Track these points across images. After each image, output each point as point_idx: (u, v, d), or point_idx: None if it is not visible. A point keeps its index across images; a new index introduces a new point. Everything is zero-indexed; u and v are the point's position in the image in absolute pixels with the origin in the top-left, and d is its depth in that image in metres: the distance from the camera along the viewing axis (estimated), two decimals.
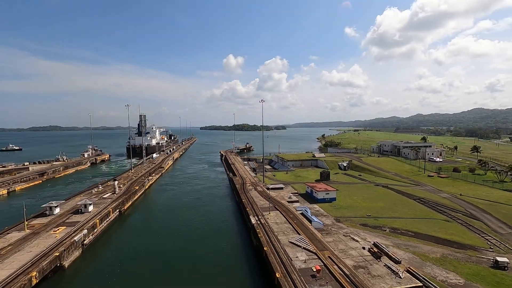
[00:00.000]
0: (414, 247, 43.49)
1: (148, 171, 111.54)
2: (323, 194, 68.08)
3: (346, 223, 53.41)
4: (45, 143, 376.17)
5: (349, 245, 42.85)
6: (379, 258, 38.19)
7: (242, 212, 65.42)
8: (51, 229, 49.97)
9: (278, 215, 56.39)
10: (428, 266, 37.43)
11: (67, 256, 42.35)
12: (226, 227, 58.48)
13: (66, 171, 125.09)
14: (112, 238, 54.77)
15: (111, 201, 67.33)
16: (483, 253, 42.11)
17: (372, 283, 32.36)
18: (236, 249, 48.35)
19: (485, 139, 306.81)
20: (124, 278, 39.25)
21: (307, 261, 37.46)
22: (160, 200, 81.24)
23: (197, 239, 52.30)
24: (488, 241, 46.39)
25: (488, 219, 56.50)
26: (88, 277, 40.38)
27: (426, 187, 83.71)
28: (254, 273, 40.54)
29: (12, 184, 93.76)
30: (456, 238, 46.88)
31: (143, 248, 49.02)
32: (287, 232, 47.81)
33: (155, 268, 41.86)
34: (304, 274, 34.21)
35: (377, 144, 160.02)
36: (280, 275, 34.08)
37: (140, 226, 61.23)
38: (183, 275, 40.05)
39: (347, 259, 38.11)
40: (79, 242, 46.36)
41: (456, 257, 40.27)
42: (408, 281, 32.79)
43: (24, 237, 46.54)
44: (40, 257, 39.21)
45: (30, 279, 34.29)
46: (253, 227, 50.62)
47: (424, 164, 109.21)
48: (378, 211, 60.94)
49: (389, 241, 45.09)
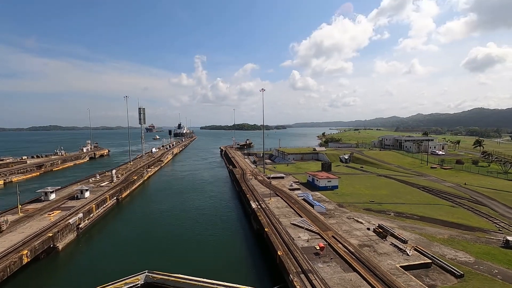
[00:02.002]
0: (420, 229, 41.97)
1: (147, 164, 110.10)
2: (325, 181, 66.57)
3: (349, 208, 51.90)
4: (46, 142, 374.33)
5: (353, 226, 41.37)
6: (384, 238, 36.73)
7: (242, 199, 63.96)
8: (45, 212, 48.54)
9: (279, 200, 54.92)
10: (435, 245, 35.90)
11: (61, 238, 40.86)
12: (225, 215, 56.98)
13: (64, 164, 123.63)
14: (108, 224, 53.31)
15: (108, 189, 65.91)
16: (492, 234, 40.62)
17: (378, 260, 30.90)
18: (235, 234, 46.84)
19: (486, 138, 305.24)
20: (121, 262, 37.80)
21: (309, 241, 35.99)
22: (159, 190, 79.70)
23: (195, 226, 50.79)
24: (496, 224, 44.91)
25: (495, 204, 55.02)
26: (82, 261, 38.89)
27: (430, 178, 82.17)
28: (255, 256, 39.05)
29: (8, 175, 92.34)
30: (463, 221, 45.37)
31: (141, 233, 47.57)
32: (289, 215, 46.33)
33: (153, 253, 40.42)
34: (307, 252, 32.74)
35: (378, 138, 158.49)
36: (282, 253, 32.61)
37: (139, 213, 59.74)
38: (182, 258, 38.60)
39: (352, 239, 36.63)
40: (74, 225, 44.88)
41: (464, 238, 38.76)
42: (416, 258, 31.33)
43: (17, 219, 45.08)
44: (32, 237, 37.78)
45: (21, 257, 32.83)
46: (253, 211, 49.13)
47: (426, 157, 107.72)
48: (381, 197, 59.43)
49: (394, 224, 43.56)
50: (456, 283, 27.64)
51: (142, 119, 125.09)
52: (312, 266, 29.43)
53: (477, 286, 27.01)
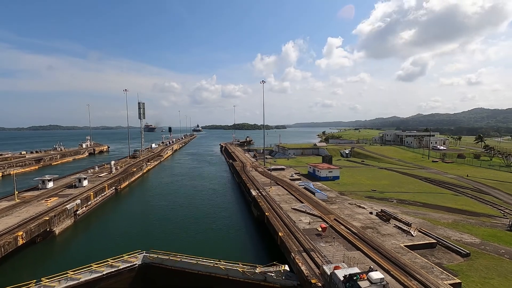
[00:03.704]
0: (424, 214, 41.21)
1: (146, 158, 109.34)
2: (326, 172, 65.84)
3: (351, 196, 51.10)
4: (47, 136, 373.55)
5: (355, 211, 40.63)
6: (388, 221, 35.98)
7: (242, 189, 63.27)
8: (42, 199, 47.79)
9: (279, 189, 54.18)
10: (440, 228, 35.12)
11: (57, 223, 40.11)
12: (225, 204, 56.24)
13: (63, 159, 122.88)
14: (107, 212, 52.57)
15: (107, 179, 65.18)
16: (497, 219, 39.84)
17: (382, 240, 30.15)
18: (235, 221, 46.05)
19: (486, 137, 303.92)
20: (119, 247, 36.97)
21: (311, 223, 35.24)
22: (158, 183, 78.82)
23: (194, 214, 49.79)
24: (501, 210, 44.14)
25: (499, 193, 54.27)
26: (78, 246, 38.26)
27: (432, 170, 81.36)
28: (256, 240, 38.41)
29: (7, 168, 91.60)
30: (467, 208, 44.61)
31: (140, 221, 46.95)
32: (290, 201, 45.58)
33: (152, 239, 39.64)
34: (308, 234, 31.97)
35: (379, 134, 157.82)
36: (283, 234, 31.86)
37: (137, 202, 59.17)
38: (181, 244, 37.82)
39: (354, 222, 35.88)
40: (71, 210, 44.12)
41: (469, 222, 38.01)
42: (420, 238, 30.57)
43: (13, 205, 44.34)
44: (28, 221, 37.04)
45: (15, 238, 32.07)
46: (253, 198, 48.37)
47: (428, 152, 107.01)
48: (383, 187, 58.69)
49: (397, 210, 42.73)
50: (462, 261, 26.90)
51: (142, 114, 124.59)
52: (314, 246, 28.68)
53: (484, 264, 26.26)
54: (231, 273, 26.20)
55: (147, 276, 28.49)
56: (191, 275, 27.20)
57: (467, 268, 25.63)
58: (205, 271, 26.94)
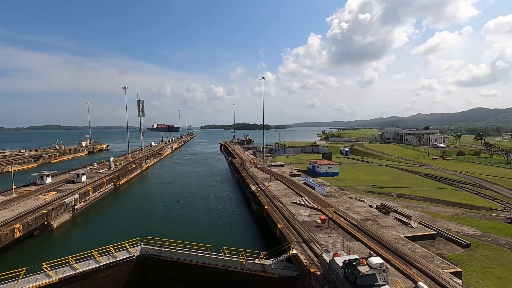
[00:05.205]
0: (424, 208, 40.99)
1: (146, 155, 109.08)
2: (325, 168, 65.62)
3: (351, 191, 50.88)
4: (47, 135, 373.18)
5: (355, 204, 40.41)
6: (388, 214, 35.75)
7: (242, 185, 63.05)
8: (40, 194, 47.53)
9: (279, 184, 53.94)
10: (440, 221, 34.89)
11: (55, 217, 39.87)
12: (224, 199, 56.07)
13: (62, 157, 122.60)
14: (105, 207, 52.35)
15: (106, 175, 64.95)
16: (498, 213, 39.62)
17: (382, 231, 29.92)
18: (234, 215, 45.83)
19: (486, 137, 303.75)
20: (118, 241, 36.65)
21: (310, 216, 35.02)
22: (157, 180, 78.49)
23: (193, 209, 49.58)
24: (501, 204, 43.90)
25: (499, 188, 54.00)
26: (76, 240, 37.89)
27: (432, 167, 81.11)
28: (255, 233, 38.24)
29: (5, 165, 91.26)
30: (467, 202, 44.41)
31: (139, 216, 46.57)
32: (289, 195, 45.32)
33: (151, 233, 39.34)
34: (308, 226, 31.73)
35: (379, 132, 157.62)
36: (283, 226, 31.62)
37: (136, 198, 58.85)
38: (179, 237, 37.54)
39: (354, 214, 35.64)
40: (70, 205, 43.88)
41: (469, 215, 37.79)
42: (420, 230, 30.35)
43: (11, 199, 44.08)
44: (26, 214, 36.80)
45: (12, 230, 31.84)
46: (253, 193, 48.12)
47: (428, 149, 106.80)
48: (383, 182, 58.48)
49: (397, 203, 42.46)
50: (463, 252, 26.67)
51: (141, 111, 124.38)
52: (313, 237, 28.44)
53: (485, 254, 26.03)
54: (230, 264, 25.96)
55: (145, 267, 28.26)
56: (189, 267, 26.96)
57: (467, 258, 25.41)
58: (203, 262, 26.70)
